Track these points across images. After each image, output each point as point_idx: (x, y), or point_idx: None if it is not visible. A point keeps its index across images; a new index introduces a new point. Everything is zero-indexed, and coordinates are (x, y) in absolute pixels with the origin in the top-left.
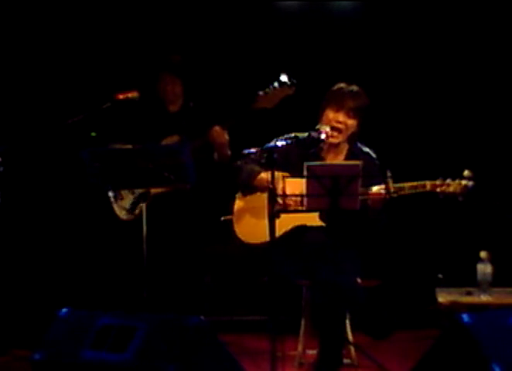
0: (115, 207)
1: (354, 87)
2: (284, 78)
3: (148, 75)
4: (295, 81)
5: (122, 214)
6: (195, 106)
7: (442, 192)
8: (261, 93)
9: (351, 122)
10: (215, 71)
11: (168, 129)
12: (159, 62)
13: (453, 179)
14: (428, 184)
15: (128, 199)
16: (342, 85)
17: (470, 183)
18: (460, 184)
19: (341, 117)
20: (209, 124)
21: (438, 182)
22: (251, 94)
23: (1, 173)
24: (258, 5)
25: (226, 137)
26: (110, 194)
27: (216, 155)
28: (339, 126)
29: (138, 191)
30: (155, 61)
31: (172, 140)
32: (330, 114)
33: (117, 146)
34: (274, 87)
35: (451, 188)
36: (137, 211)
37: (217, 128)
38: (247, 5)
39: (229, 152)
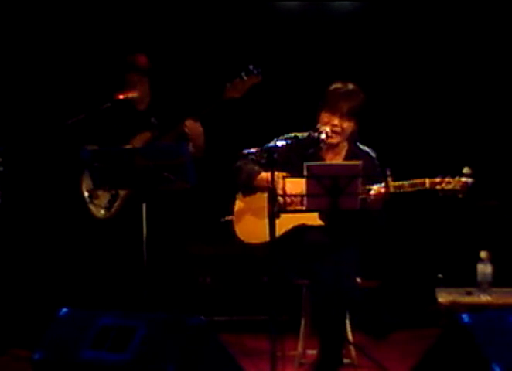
0: (91, 206)
1: (349, 87)
2: (250, 67)
3: (115, 76)
4: (260, 70)
5: (99, 213)
6: (163, 101)
7: (442, 190)
8: (228, 83)
9: (347, 124)
10: (215, 69)
11: (139, 127)
12: (125, 63)
13: (452, 177)
14: (428, 181)
15: (104, 198)
16: (336, 86)
17: (470, 180)
18: (460, 181)
19: (336, 120)
20: (179, 118)
21: (437, 180)
22: (219, 85)
23: (1, 173)
24: (258, 5)
25: (200, 128)
26: (86, 194)
27: (191, 147)
28: (335, 129)
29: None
30: (121, 62)
31: (143, 136)
32: (325, 118)
33: (92, 148)
34: (241, 77)
35: (450, 186)
36: (113, 209)
37: (190, 121)
38: (247, 5)
39: (203, 144)
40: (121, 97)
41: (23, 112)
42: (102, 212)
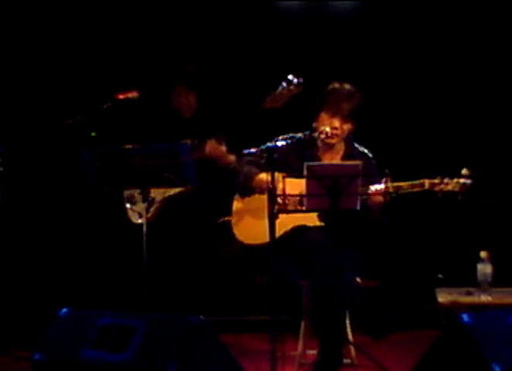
0: (129, 211)
1: (347, 87)
2: (291, 77)
3: (163, 85)
4: (301, 80)
5: (135, 218)
6: (207, 110)
7: (441, 191)
8: (271, 92)
9: (347, 126)
10: (219, 73)
11: (181, 134)
12: (174, 73)
13: (451, 178)
14: (427, 182)
15: (141, 203)
16: (335, 86)
17: (468, 181)
18: (458, 182)
19: (337, 122)
20: (219, 128)
21: (436, 181)
22: (260, 94)
23: (1, 173)
24: (258, 5)
25: (222, 149)
26: (126, 198)
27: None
28: (336, 132)
29: (151, 195)
30: (171, 72)
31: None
32: (326, 120)
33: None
34: (282, 87)
35: (449, 187)
36: (149, 215)
37: (212, 142)
38: (248, 5)
39: (230, 160)
40: (121, 97)
41: (23, 112)
42: (138, 217)
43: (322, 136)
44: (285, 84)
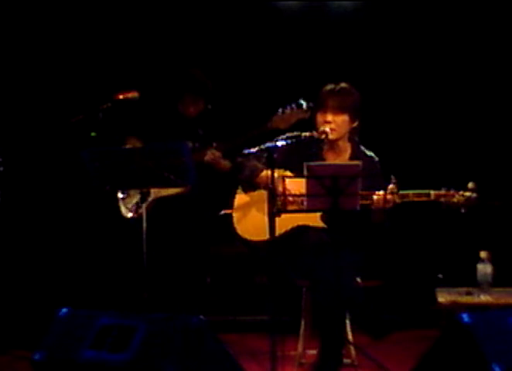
0: (121, 206)
1: (339, 85)
2: (301, 101)
3: (171, 93)
4: (311, 105)
5: (127, 213)
6: (213, 115)
7: (446, 202)
8: (279, 112)
9: (340, 118)
10: (221, 73)
11: (184, 134)
12: (182, 81)
13: (457, 190)
14: (433, 193)
15: (134, 198)
16: (326, 86)
17: (474, 195)
18: (464, 195)
19: (328, 116)
20: (222, 137)
21: (442, 192)
22: (267, 112)
23: (1, 173)
24: (258, 5)
25: (219, 156)
26: (119, 193)
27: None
28: (330, 126)
29: (144, 190)
30: (178, 80)
31: None
32: (319, 117)
33: (133, 140)
34: (292, 108)
35: (454, 199)
36: (140, 210)
37: (213, 151)
38: (247, 5)
39: (225, 165)
40: (121, 97)
41: (23, 112)
42: (129, 212)
43: (323, 136)
44: (294, 106)
